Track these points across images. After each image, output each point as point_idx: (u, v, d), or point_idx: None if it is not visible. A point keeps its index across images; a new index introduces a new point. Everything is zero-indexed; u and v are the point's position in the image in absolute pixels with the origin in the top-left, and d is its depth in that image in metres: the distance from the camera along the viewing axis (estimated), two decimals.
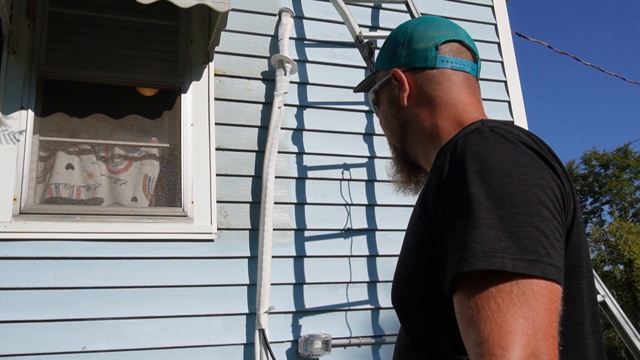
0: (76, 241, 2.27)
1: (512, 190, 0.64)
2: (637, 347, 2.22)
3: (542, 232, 0.62)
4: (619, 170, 24.13)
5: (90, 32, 2.67)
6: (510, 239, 0.61)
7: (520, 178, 0.65)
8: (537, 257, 0.61)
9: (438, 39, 0.90)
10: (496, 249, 0.61)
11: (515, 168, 0.66)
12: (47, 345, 2.13)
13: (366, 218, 2.76)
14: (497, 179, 0.65)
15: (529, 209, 0.63)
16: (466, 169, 0.68)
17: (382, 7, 3.15)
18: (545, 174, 0.68)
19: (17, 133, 2.35)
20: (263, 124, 2.69)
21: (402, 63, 0.93)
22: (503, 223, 0.63)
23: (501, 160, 0.67)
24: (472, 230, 0.63)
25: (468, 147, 0.71)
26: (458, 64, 0.90)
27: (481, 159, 0.68)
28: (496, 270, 0.60)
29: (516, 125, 0.79)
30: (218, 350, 2.34)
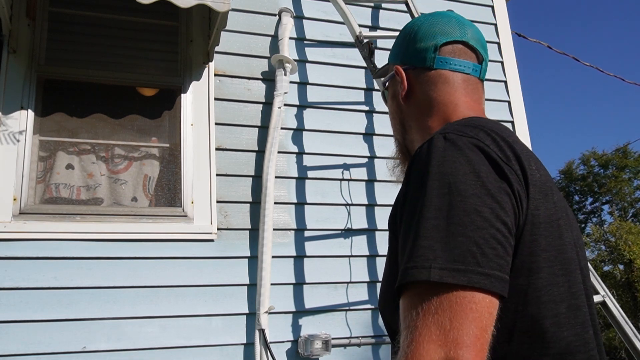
0: (76, 241, 2.27)
1: (449, 201, 0.67)
2: (637, 347, 2.22)
3: (475, 241, 0.65)
4: (618, 170, 24.12)
5: (90, 32, 2.67)
6: (441, 249, 0.65)
7: (458, 189, 0.68)
8: (465, 266, 0.63)
9: (440, 39, 0.91)
10: (427, 259, 0.64)
11: (456, 178, 0.69)
12: (47, 345, 2.13)
13: (366, 218, 2.76)
14: (438, 190, 0.69)
15: (463, 219, 0.66)
16: (414, 181, 0.73)
17: (382, 7, 3.15)
18: (488, 181, 0.69)
19: (17, 133, 2.35)
20: (263, 124, 2.69)
21: (404, 60, 0.95)
22: (437, 234, 0.66)
23: (444, 171, 0.70)
24: (411, 243, 0.67)
25: (418, 156, 0.75)
26: (457, 66, 0.91)
27: (426, 170, 0.72)
28: (425, 280, 0.63)
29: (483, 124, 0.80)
30: (218, 350, 2.34)
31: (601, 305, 2.36)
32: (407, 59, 0.95)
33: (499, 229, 0.67)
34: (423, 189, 0.70)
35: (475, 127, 0.78)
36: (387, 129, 2.84)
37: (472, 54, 0.93)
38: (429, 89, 0.92)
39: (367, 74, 2.98)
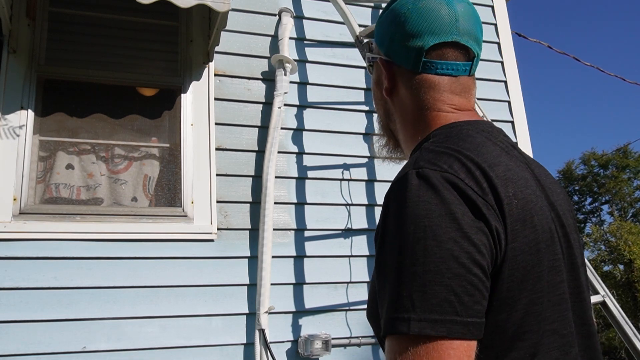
0: (76, 241, 2.27)
1: (425, 247, 0.66)
2: (637, 347, 2.22)
3: (452, 290, 0.64)
4: (618, 170, 24.14)
5: (90, 32, 2.67)
6: (419, 298, 0.64)
7: (435, 233, 0.66)
8: (444, 316, 0.63)
9: (427, 41, 0.83)
10: (406, 309, 0.64)
11: (430, 221, 0.67)
12: (47, 345, 2.12)
13: (366, 218, 2.76)
14: (414, 234, 0.67)
15: (440, 266, 0.65)
16: (388, 223, 0.71)
17: (382, 7, 3.14)
18: (463, 222, 0.67)
19: (18, 132, 2.35)
20: (263, 124, 2.69)
21: (389, 53, 0.89)
22: (415, 282, 0.65)
23: (418, 213, 0.68)
24: (389, 291, 0.67)
25: (393, 194, 0.73)
26: (445, 69, 0.85)
27: (401, 212, 0.70)
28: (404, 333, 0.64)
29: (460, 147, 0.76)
30: (218, 350, 2.34)
31: (601, 305, 2.36)
32: (392, 53, 0.88)
33: (476, 274, 0.66)
34: (399, 232, 0.69)
35: (451, 155, 0.74)
36: None
37: (463, 52, 0.86)
38: (413, 93, 0.87)
39: (367, 74, 2.98)
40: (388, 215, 0.72)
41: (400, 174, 0.75)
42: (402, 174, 0.74)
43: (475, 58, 0.87)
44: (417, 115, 0.87)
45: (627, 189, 24.10)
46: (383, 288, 0.70)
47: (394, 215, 0.71)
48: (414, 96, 0.87)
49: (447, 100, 0.86)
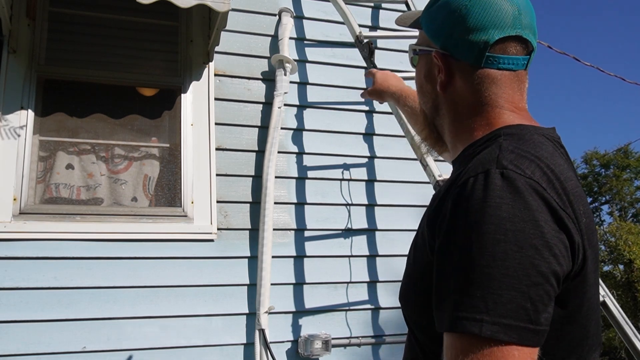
0: (76, 241, 2.27)
1: (505, 250, 0.64)
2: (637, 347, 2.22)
3: (529, 297, 0.63)
4: (619, 170, 24.12)
5: (90, 32, 2.67)
6: (493, 301, 0.63)
7: (516, 237, 0.64)
8: (517, 322, 0.62)
9: (492, 35, 0.81)
10: (479, 310, 0.63)
11: (513, 225, 0.65)
12: (47, 345, 2.13)
13: (366, 218, 2.76)
14: (493, 235, 0.65)
15: (518, 272, 0.63)
16: (465, 218, 0.68)
17: (382, 7, 3.15)
18: (546, 231, 0.66)
19: (17, 133, 2.35)
20: (263, 124, 2.69)
21: (446, 47, 0.86)
22: (491, 283, 0.63)
23: (500, 215, 0.66)
24: (462, 289, 0.65)
25: (472, 193, 0.69)
26: (507, 64, 0.83)
27: (480, 210, 0.67)
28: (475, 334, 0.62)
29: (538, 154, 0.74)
30: (218, 350, 2.34)
31: (601, 305, 2.35)
32: (450, 47, 0.85)
33: (552, 284, 0.65)
34: (477, 229, 0.66)
35: (532, 161, 0.72)
36: (387, 129, 2.85)
37: (523, 46, 0.84)
38: (473, 88, 0.84)
39: None
40: (464, 209, 0.69)
41: (480, 169, 0.71)
42: (482, 170, 0.71)
43: (532, 52, 0.86)
44: (476, 110, 0.85)
45: (627, 189, 24.08)
46: (447, 282, 0.67)
47: (471, 212, 0.68)
48: (474, 91, 0.84)
49: (508, 97, 0.84)
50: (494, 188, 0.68)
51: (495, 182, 0.68)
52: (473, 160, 0.76)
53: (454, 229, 0.69)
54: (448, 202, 0.72)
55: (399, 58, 3.04)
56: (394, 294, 2.67)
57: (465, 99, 0.85)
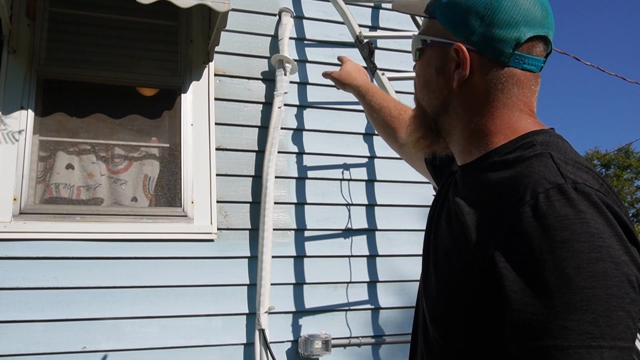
0: (76, 241, 2.27)
1: (604, 268, 0.60)
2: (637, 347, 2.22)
3: (631, 315, 0.61)
4: (620, 170, 24.10)
5: (90, 32, 2.67)
6: (605, 324, 0.59)
7: (610, 254, 0.61)
8: (629, 344, 0.60)
9: (524, 33, 0.77)
10: (593, 337, 0.58)
11: (604, 241, 0.62)
12: (47, 345, 2.13)
13: (366, 218, 2.75)
14: (588, 254, 0.61)
15: (620, 290, 0.60)
16: (552, 236, 0.62)
17: (382, 7, 3.14)
18: (628, 245, 0.64)
19: (17, 133, 2.35)
20: (263, 124, 2.69)
21: (471, 41, 0.79)
22: (598, 306, 0.59)
23: (590, 231, 0.62)
24: (564, 315, 0.60)
25: (551, 210, 0.64)
26: (530, 64, 0.79)
27: (568, 227, 0.62)
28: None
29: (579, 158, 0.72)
30: (218, 350, 2.34)
31: None
32: (476, 41, 0.79)
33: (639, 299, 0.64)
34: (568, 248, 0.61)
35: (588, 172, 0.69)
36: None
37: (545, 47, 0.80)
38: (495, 87, 0.79)
39: (369, 73, 2.98)
40: (546, 227, 0.63)
41: (547, 184, 0.66)
42: (550, 185, 0.66)
43: (549, 54, 0.82)
44: (494, 112, 0.80)
45: (628, 189, 24.07)
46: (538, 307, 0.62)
47: (557, 229, 0.62)
48: (495, 90, 0.79)
49: (526, 100, 0.80)
50: (575, 203, 0.64)
51: (573, 197, 0.64)
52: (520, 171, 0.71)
53: (538, 249, 0.63)
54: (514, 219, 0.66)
55: (399, 58, 3.03)
56: (394, 294, 2.67)
57: (484, 98, 0.80)
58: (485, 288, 0.69)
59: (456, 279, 0.75)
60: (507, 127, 0.79)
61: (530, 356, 0.61)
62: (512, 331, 0.64)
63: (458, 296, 0.74)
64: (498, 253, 0.67)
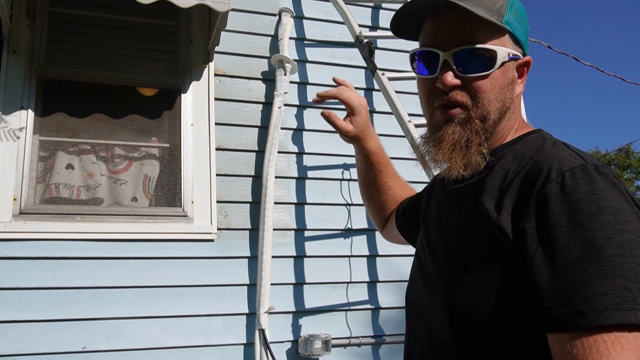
0: (76, 241, 2.27)
1: (630, 239, 0.64)
2: None
3: None
4: (621, 170, 24.10)
5: (90, 32, 2.67)
6: (637, 289, 0.62)
7: (633, 228, 0.66)
8: None
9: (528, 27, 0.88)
10: (627, 300, 0.61)
11: (627, 216, 0.66)
12: (47, 345, 2.13)
13: (366, 218, 2.75)
14: (615, 226, 0.65)
15: None
16: (581, 209, 0.67)
17: (382, 7, 3.14)
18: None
19: (17, 133, 2.35)
20: (263, 124, 2.69)
21: (521, 43, 0.86)
22: (629, 272, 0.62)
23: (615, 206, 0.67)
24: (599, 281, 0.62)
25: (578, 186, 0.69)
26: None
27: (595, 201, 0.67)
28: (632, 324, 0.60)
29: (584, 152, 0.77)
30: (218, 350, 2.34)
31: None
32: (524, 42, 0.87)
33: None
34: (597, 220, 0.66)
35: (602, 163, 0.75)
36: (387, 129, 2.85)
37: None
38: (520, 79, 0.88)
39: (367, 74, 2.98)
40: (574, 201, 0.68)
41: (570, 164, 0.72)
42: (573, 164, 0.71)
43: None
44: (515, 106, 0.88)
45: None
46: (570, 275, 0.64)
47: (585, 203, 0.67)
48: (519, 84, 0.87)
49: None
50: (598, 181, 0.69)
51: (596, 176, 0.70)
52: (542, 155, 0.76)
53: (567, 221, 0.67)
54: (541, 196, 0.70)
55: (399, 58, 3.04)
56: (394, 294, 2.67)
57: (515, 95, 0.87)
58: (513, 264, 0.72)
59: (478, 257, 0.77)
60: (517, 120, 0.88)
61: (566, 322, 0.63)
62: (543, 301, 0.66)
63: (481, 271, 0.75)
64: (528, 227, 0.70)
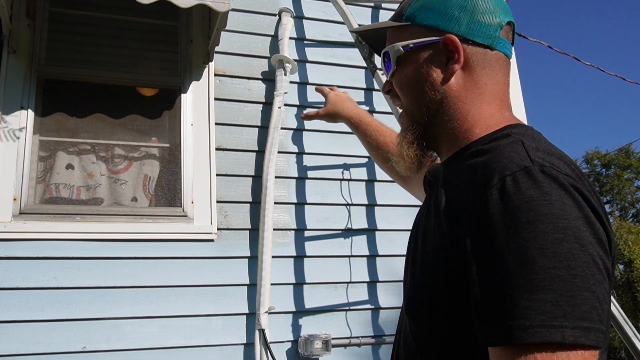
0: (76, 241, 2.27)
1: (568, 249, 0.60)
2: (637, 347, 2.22)
3: (597, 296, 0.60)
4: (621, 170, 24.11)
5: (90, 32, 2.67)
6: (568, 304, 0.58)
7: (575, 235, 0.61)
8: (593, 324, 0.59)
9: (503, 18, 0.82)
10: (554, 316, 0.58)
11: (570, 222, 0.61)
12: (47, 345, 2.13)
13: (366, 218, 2.76)
14: (552, 234, 0.61)
15: (585, 271, 0.60)
16: (517, 217, 0.62)
17: (382, 7, 3.15)
18: (596, 228, 0.64)
19: (17, 133, 2.35)
20: (263, 124, 2.69)
21: (460, 31, 0.80)
22: (561, 286, 0.59)
23: (555, 212, 0.62)
24: (527, 295, 0.59)
25: (517, 191, 0.64)
26: (508, 49, 0.83)
27: (534, 208, 0.62)
28: (557, 342, 0.58)
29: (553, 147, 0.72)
30: (218, 350, 2.34)
31: None
32: (465, 29, 0.80)
33: (607, 281, 0.63)
34: (532, 229, 0.61)
35: (559, 159, 0.69)
36: None
37: (512, 34, 0.86)
38: (485, 73, 0.81)
39: (367, 74, 2.98)
40: (511, 208, 0.63)
41: (514, 167, 0.66)
42: (517, 167, 0.66)
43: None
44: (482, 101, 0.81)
45: (628, 189, 24.09)
46: (501, 289, 0.61)
47: (522, 210, 0.62)
48: (485, 77, 0.81)
49: (506, 90, 0.84)
50: (542, 185, 0.64)
51: (539, 179, 0.64)
52: (491, 157, 0.72)
53: (503, 230, 0.63)
54: (482, 202, 0.66)
55: None
56: (394, 294, 2.67)
57: (475, 87, 0.81)
58: (460, 276, 0.68)
59: (432, 269, 0.75)
60: (489, 118, 0.81)
61: (494, 338, 0.61)
62: (477, 315, 0.64)
63: (435, 286, 0.74)
64: (467, 238, 0.67)
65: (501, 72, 0.83)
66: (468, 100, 0.81)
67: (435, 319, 0.74)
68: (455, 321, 0.70)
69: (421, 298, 0.77)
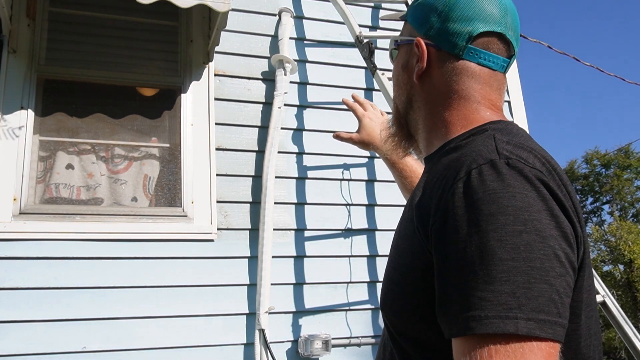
0: (76, 241, 2.27)
1: (527, 241, 0.60)
2: (637, 347, 2.22)
3: (556, 289, 0.60)
4: (620, 170, 24.11)
5: (90, 32, 2.67)
6: (524, 296, 0.58)
7: (536, 227, 0.61)
8: (550, 317, 0.58)
9: (477, 27, 0.81)
10: (510, 307, 0.58)
11: (531, 215, 0.62)
12: (47, 345, 2.13)
13: (366, 218, 2.76)
14: (513, 226, 0.61)
15: (544, 263, 0.60)
16: (479, 210, 0.63)
17: (382, 7, 3.15)
18: (561, 220, 0.64)
19: (17, 132, 2.35)
20: (263, 124, 2.69)
21: (429, 35, 0.84)
22: (518, 277, 0.59)
23: (517, 205, 0.62)
24: (484, 286, 0.59)
25: (481, 184, 0.65)
26: (487, 61, 0.82)
27: (496, 201, 0.63)
28: (511, 333, 0.57)
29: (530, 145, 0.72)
30: (218, 350, 2.34)
31: (601, 305, 2.36)
32: (433, 35, 0.84)
33: (571, 275, 0.63)
34: (493, 221, 0.61)
35: (529, 152, 0.69)
36: None
37: (505, 47, 0.83)
38: (451, 79, 0.83)
39: (367, 74, 2.98)
40: (474, 201, 0.64)
41: (481, 160, 0.67)
42: (484, 160, 0.67)
43: (513, 56, 0.86)
44: (452, 104, 0.83)
45: (628, 189, 24.08)
46: (461, 280, 0.62)
47: (484, 203, 0.63)
48: (451, 82, 0.83)
49: (485, 94, 0.83)
50: (504, 178, 0.64)
51: (504, 172, 0.65)
52: (463, 152, 0.73)
53: (465, 223, 0.64)
54: (449, 195, 0.67)
55: None
56: None
57: (442, 90, 0.84)
58: (427, 269, 0.69)
59: (404, 263, 0.76)
60: (463, 118, 0.82)
61: (453, 329, 0.62)
62: (439, 307, 0.65)
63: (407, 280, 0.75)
64: (433, 231, 0.68)
65: (474, 81, 0.82)
66: (436, 100, 0.85)
67: (407, 313, 0.75)
68: (425, 314, 0.70)
69: (392, 291, 0.79)
